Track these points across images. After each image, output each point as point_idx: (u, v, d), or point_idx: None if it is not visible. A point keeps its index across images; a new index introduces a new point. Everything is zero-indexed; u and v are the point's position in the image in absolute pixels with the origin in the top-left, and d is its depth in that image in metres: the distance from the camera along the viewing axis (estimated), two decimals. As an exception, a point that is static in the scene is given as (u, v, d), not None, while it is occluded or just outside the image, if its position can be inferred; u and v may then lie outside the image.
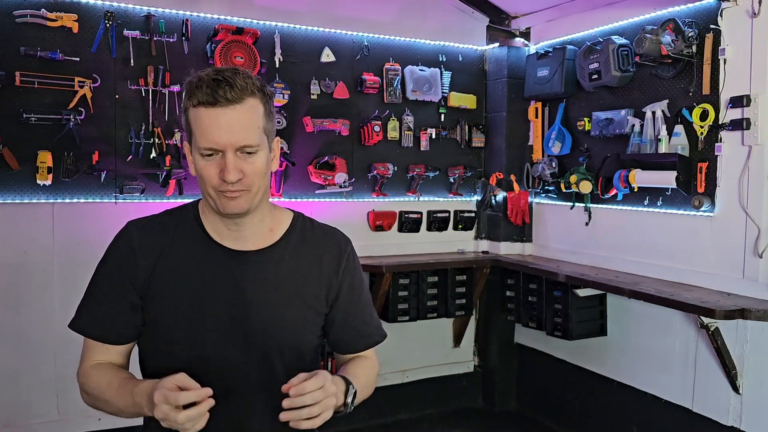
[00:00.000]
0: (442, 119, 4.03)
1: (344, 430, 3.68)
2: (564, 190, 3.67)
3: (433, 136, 3.96)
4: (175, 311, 1.37)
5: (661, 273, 3.18)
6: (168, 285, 1.38)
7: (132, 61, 3.17)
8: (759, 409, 2.81)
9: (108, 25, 3.12)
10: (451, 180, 4.06)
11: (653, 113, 3.13)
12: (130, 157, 3.19)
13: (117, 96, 3.17)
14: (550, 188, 3.85)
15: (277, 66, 3.49)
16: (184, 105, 1.31)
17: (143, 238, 1.40)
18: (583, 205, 3.63)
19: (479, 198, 4.16)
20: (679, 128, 3.02)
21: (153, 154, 3.22)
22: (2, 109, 2.95)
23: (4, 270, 3.05)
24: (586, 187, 3.50)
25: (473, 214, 4.16)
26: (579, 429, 3.72)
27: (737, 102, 2.77)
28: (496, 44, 4.10)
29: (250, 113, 1.29)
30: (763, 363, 2.78)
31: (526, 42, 4.06)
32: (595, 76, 3.35)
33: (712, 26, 2.88)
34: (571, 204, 3.69)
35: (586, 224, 3.63)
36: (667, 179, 3.02)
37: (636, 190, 3.25)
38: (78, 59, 3.07)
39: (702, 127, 2.93)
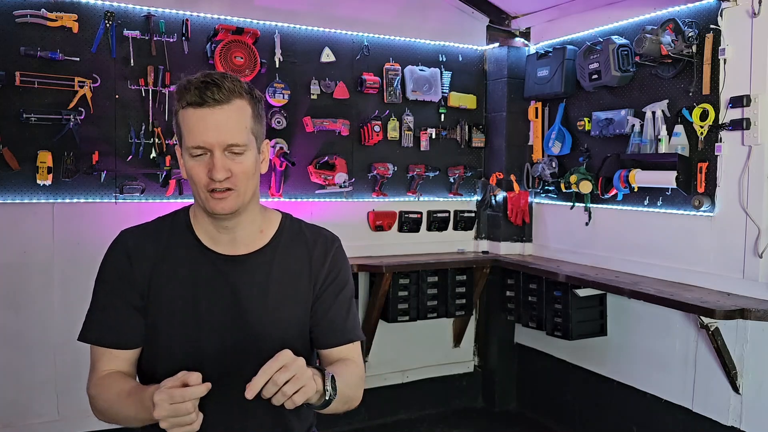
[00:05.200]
0: (442, 119, 4.03)
1: (344, 430, 3.69)
2: (564, 190, 3.67)
3: (433, 136, 3.96)
4: (171, 316, 1.39)
5: (661, 273, 3.18)
6: (164, 290, 1.39)
7: (132, 61, 3.17)
8: (759, 409, 2.81)
9: (108, 25, 3.12)
10: (451, 180, 4.06)
11: (653, 113, 3.13)
12: (130, 157, 3.19)
13: (117, 96, 3.17)
14: (550, 188, 3.84)
15: (277, 66, 3.49)
16: (174, 108, 1.35)
17: (137, 245, 1.41)
18: (583, 205, 3.63)
19: (479, 198, 4.16)
20: (679, 128, 3.02)
21: (153, 154, 3.22)
22: (2, 109, 2.95)
23: (4, 270, 3.05)
24: (586, 187, 3.50)
25: (473, 214, 4.15)
26: (579, 429, 3.72)
27: (737, 102, 2.77)
28: (496, 44, 4.10)
29: (237, 114, 1.32)
30: (763, 363, 2.79)
31: (526, 42, 4.06)
32: (595, 76, 3.35)
33: (712, 26, 2.88)
34: (571, 204, 3.69)
35: (586, 224, 3.63)
36: (667, 179, 3.02)
37: (636, 190, 3.25)
38: (78, 59, 3.07)
39: (702, 127, 2.93)
